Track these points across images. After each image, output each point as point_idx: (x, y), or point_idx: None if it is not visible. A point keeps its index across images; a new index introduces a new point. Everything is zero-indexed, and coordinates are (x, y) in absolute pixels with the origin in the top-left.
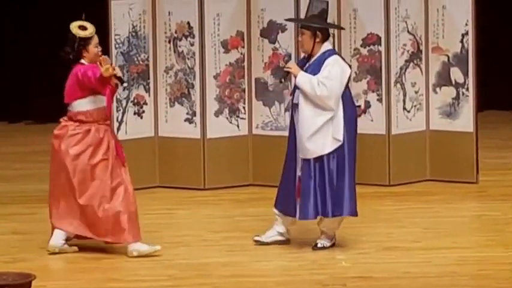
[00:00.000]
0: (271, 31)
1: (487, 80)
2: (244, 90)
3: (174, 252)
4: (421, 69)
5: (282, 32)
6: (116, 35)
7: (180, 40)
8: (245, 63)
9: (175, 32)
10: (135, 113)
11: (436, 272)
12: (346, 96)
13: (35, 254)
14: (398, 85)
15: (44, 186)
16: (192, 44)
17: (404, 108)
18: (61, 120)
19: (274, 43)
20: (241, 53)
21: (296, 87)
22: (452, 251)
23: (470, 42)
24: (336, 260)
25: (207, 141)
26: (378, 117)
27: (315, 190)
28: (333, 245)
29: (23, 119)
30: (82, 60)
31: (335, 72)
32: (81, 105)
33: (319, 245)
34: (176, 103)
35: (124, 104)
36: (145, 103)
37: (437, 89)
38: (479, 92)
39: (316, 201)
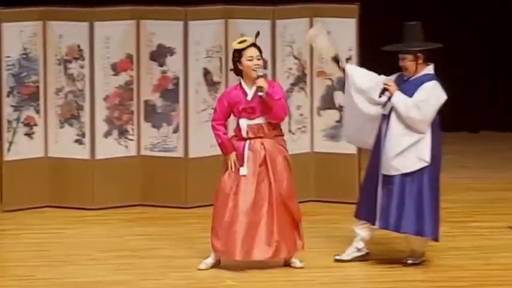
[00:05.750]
0: (160, 54)
1: None
2: (133, 112)
3: (63, 271)
4: (305, 93)
5: (171, 55)
6: (6, 56)
7: (71, 63)
8: (134, 86)
9: (66, 55)
10: (25, 134)
11: None
12: (435, 121)
13: None
14: None
15: None
16: (82, 67)
17: (289, 131)
18: None
19: (162, 66)
20: (131, 76)
21: (389, 99)
22: (337, 270)
23: None
24: (223, 279)
25: (96, 162)
26: None
27: (396, 206)
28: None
29: None
30: (241, 80)
31: (433, 98)
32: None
33: (409, 261)
34: (66, 124)
35: (14, 125)
36: (36, 124)
37: (322, 112)
38: None
39: (398, 216)
